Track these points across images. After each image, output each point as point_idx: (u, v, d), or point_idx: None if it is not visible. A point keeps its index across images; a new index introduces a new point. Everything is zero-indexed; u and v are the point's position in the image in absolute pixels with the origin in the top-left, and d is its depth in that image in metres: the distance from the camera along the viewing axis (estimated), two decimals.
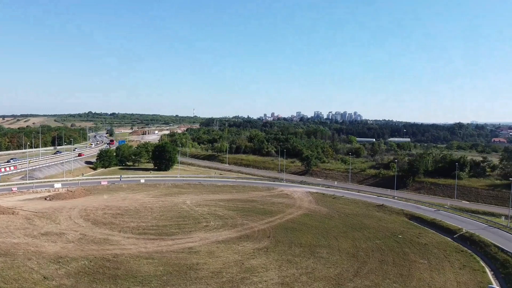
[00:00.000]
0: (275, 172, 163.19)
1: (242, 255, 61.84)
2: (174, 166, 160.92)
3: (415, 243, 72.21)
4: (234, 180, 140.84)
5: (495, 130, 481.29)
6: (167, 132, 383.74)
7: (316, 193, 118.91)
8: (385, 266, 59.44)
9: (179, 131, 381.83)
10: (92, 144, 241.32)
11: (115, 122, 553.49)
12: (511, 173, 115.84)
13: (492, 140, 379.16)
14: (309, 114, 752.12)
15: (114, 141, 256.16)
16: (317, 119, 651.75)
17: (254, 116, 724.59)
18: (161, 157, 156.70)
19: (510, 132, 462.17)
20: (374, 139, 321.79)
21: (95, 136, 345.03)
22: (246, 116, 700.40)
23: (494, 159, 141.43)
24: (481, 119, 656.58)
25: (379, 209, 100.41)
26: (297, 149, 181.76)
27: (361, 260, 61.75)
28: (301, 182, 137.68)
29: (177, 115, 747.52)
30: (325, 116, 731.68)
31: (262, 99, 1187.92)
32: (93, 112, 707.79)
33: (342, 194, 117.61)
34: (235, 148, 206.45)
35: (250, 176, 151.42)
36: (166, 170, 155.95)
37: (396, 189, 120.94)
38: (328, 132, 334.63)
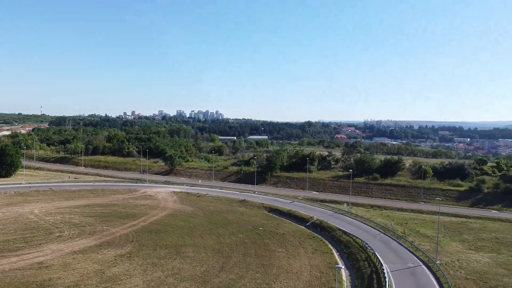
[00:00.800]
0: (138, 173, 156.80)
1: (102, 264, 57.87)
2: (18, 171, 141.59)
3: (274, 234, 77.60)
4: (91, 183, 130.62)
5: (337, 127, 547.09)
6: (7, 132, 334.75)
7: (181, 192, 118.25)
8: (248, 258, 62.47)
9: (24, 131, 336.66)
10: None
11: None
12: (350, 165, 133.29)
13: (335, 136, 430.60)
14: (172, 113, 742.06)
15: None
16: (180, 118, 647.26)
17: (113, 114, 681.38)
18: (1, 161, 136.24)
19: (349, 129, 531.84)
20: (235, 137, 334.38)
21: None
22: (104, 115, 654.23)
23: (337, 153, 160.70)
24: (326, 118, 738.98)
25: (242, 204, 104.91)
26: (160, 148, 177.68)
27: (226, 255, 63.72)
28: (165, 182, 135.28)
29: (20, 113, 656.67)
30: (188, 115, 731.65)
31: (122, 97, 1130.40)
32: None
33: (206, 192, 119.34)
34: (92, 149, 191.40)
35: (110, 179, 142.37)
36: (8, 176, 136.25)
37: (256, 184, 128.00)
38: (191, 131, 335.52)
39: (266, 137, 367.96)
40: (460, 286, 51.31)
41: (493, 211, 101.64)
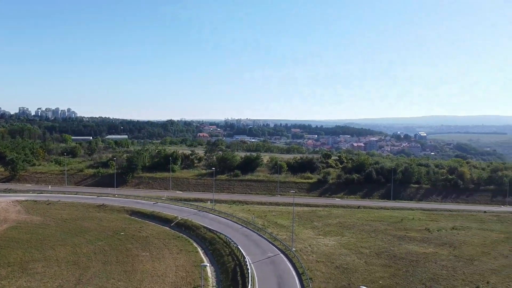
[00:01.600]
0: None
1: None
2: None
3: (137, 238, 74.53)
4: None
5: (199, 126, 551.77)
6: None
7: (26, 201, 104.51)
8: (109, 267, 58.74)
9: None
10: None
11: None
12: (213, 163, 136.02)
13: (198, 135, 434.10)
14: (13, 110, 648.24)
15: None
16: (23, 117, 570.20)
17: None
18: None
19: (211, 128, 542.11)
20: (91, 137, 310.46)
21: None
22: None
23: (200, 151, 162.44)
24: (188, 117, 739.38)
25: (100, 209, 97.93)
26: None
27: (83, 266, 58.81)
28: (6, 190, 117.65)
29: None
30: (33, 113, 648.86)
31: None
32: None
33: (58, 198, 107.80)
34: None
35: None
36: None
37: (116, 187, 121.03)
38: (38, 130, 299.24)
39: (126, 136, 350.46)
40: (312, 269, 57.05)
41: (337, 199, 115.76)
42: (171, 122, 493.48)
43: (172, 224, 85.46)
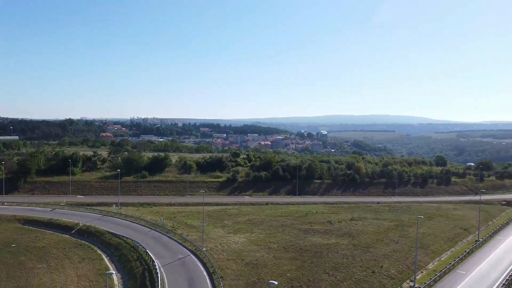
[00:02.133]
0: None
1: None
2: None
3: (32, 249, 68.03)
4: None
5: (102, 125, 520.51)
6: None
7: None
8: None
9: None
10: None
11: None
12: (118, 164, 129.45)
13: (101, 135, 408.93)
14: None
15: None
16: None
17: None
18: None
19: (115, 127, 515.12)
20: None
21: None
22: None
23: (104, 152, 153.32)
24: (90, 115, 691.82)
25: None
26: None
27: None
28: None
29: None
30: None
31: None
32: None
33: None
34: None
35: None
36: None
37: (5, 194, 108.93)
38: None
39: (17, 137, 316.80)
40: (223, 267, 57.46)
41: (246, 197, 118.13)
42: (70, 121, 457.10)
43: (73, 232, 79.58)
